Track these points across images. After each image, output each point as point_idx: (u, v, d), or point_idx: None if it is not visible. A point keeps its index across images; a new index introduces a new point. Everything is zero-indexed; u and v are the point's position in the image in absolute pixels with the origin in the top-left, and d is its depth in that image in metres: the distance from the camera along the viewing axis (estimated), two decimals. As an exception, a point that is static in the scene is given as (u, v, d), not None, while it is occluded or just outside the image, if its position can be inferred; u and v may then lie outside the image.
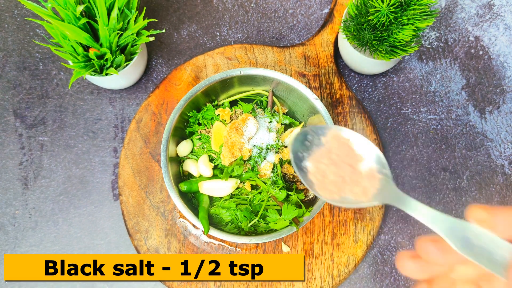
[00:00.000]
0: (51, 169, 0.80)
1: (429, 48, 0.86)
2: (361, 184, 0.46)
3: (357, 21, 0.70)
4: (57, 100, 0.82)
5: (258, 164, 0.70)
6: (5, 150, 0.80)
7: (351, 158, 0.48)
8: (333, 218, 0.76)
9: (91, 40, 0.70)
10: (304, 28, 0.87)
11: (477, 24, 0.87)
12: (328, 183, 0.47)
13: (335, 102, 0.81)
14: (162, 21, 0.86)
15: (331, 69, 0.82)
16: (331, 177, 0.47)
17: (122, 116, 0.82)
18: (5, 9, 0.86)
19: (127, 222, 0.75)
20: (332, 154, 0.49)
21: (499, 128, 0.83)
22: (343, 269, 0.74)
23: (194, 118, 0.74)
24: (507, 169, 0.81)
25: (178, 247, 0.74)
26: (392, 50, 0.69)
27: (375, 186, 0.45)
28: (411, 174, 0.81)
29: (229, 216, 0.69)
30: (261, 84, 0.74)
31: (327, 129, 0.51)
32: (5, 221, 0.78)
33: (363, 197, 0.45)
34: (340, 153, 0.48)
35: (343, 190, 0.46)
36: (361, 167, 0.47)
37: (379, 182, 0.45)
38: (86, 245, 0.77)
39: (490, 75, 0.85)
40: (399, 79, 0.85)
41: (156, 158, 0.77)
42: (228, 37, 0.86)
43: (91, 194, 0.79)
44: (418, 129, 0.83)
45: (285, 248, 0.74)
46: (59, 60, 0.84)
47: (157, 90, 0.80)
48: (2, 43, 0.85)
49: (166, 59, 0.85)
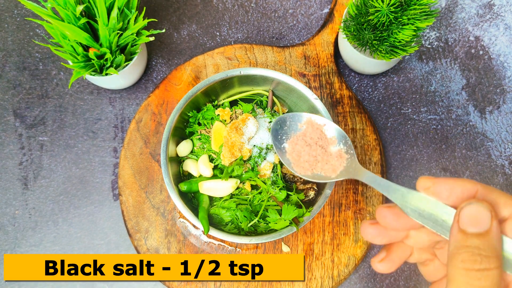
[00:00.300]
0: (51, 169, 0.80)
1: (429, 48, 0.86)
2: (331, 162, 0.55)
3: (357, 21, 0.70)
4: (57, 100, 0.82)
5: (258, 164, 0.70)
6: (5, 150, 0.80)
7: (323, 141, 0.57)
8: (333, 218, 0.76)
9: (91, 40, 0.70)
10: (304, 28, 0.87)
11: (477, 24, 0.87)
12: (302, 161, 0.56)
13: (335, 102, 0.81)
14: (162, 21, 0.86)
15: (331, 69, 0.82)
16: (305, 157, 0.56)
17: (122, 116, 0.82)
18: (5, 9, 0.86)
19: (127, 222, 0.75)
20: (306, 137, 0.58)
21: (499, 128, 0.83)
22: (343, 269, 0.74)
23: (194, 118, 0.74)
24: (507, 169, 0.81)
25: (178, 247, 0.74)
26: (392, 50, 0.69)
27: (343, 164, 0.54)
28: (411, 174, 0.81)
29: (229, 216, 0.69)
30: (261, 84, 0.74)
31: (303, 116, 0.60)
32: (5, 221, 0.78)
33: (332, 173, 0.54)
34: (313, 136, 0.58)
35: (315, 167, 0.55)
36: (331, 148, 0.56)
37: (346, 161, 0.54)
38: (86, 245, 0.77)
39: (490, 75, 0.85)
40: (399, 79, 0.85)
41: (156, 158, 0.77)
42: (228, 37, 0.86)
43: (91, 194, 0.79)
44: (418, 129, 0.83)
45: (285, 248, 0.74)
46: (59, 60, 0.84)
47: (157, 90, 0.80)
48: (2, 43, 0.85)
49: (166, 59, 0.85)
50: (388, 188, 0.41)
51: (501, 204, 0.35)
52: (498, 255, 0.33)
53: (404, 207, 0.39)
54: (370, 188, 0.77)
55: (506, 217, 0.35)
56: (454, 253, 0.34)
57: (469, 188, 0.36)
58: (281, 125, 0.61)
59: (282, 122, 0.61)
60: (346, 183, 0.78)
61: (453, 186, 0.37)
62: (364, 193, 0.77)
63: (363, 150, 0.79)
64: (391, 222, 0.40)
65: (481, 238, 0.33)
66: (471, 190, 0.36)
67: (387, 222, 0.40)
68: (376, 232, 0.41)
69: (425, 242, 0.42)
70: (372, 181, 0.45)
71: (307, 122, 0.60)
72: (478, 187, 0.36)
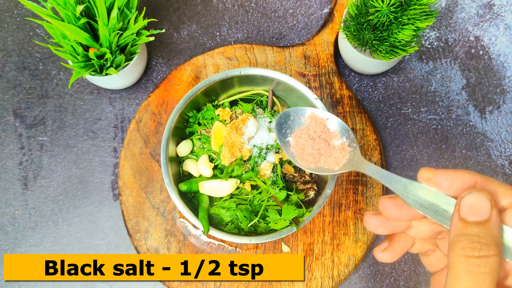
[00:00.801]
0: (51, 169, 0.80)
1: (429, 48, 0.86)
2: (334, 155, 0.56)
3: (357, 21, 0.70)
4: (57, 100, 0.82)
5: (258, 164, 0.70)
6: (5, 150, 0.80)
7: (326, 135, 0.58)
8: (333, 218, 0.76)
9: (91, 40, 0.70)
10: (304, 28, 0.87)
11: (477, 24, 0.87)
12: (306, 154, 0.57)
13: (335, 102, 0.81)
14: (162, 21, 0.86)
15: (331, 69, 0.82)
16: (309, 150, 0.57)
17: (122, 116, 0.82)
18: (5, 9, 0.86)
19: (127, 222, 0.75)
20: (310, 131, 0.59)
21: (499, 128, 0.83)
22: (343, 269, 0.74)
23: (194, 118, 0.74)
24: (507, 169, 0.81)
25: (178, 247, 0.74)
26: (392, 50, 0.69)
27: (345, 157, 0.54)
28: (411, 174, 0.81)
29: (229, 216, 0.69)
30: (261, 84, 0.74)
31: (307, 111, 0.61)
32: (5, 221, 0.78)
33: (336, 166, 0.55)
34: (317, 130, 0.59)
35: (318, 160, 0.56)
36: (334, 142, 0.57)
37: (349, 153, 0.55)
38: (86, 245, 0.77)
39: (490, 75, 0.85)
40: (399, 79, 0.85)
41: (156, 158, 0.77)
42: (228, 37, 0.86)
43: (91, 194, 0.79)
44: (418, 129, 0.83)
45: (285, 248, 0.74)
46: (59, 60, 0.84)
47: (157, 90, 0.80)
48: (2, 43, 0.85)
49: (166, 59, 0.85)
50: (390, 180, 0.42)
51: (500, 194, 0.35)
52: (497, 243, 0.34)
53: (406, 197, 0.39)
54: (370, 188, 0.77)
55: (506, 206, 0.35)
56: (455, 241, 0.35)
57: (469, 179, 0.37)
58: (285, 119, 0.61)
59: (286, 116, 0.62)
60: (346, 183, 0.78)
61: (454, 177, 0.37)
62: (364, 193, 0.77)
63: (363, 150, 0.79)
64: (393, 212, 0.41)
65: (481, 226, 0.34)
66: (470, 180, 0.37)
67: (389, 212, 0.41)
68: (379, 222, 0.42)
69: (427, 232, 0.42)
70: (375, 172, 0.46)
71: (310, 116, 0.61)
72: (477, 178, 0.37)
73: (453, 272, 0.34)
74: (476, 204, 0.34)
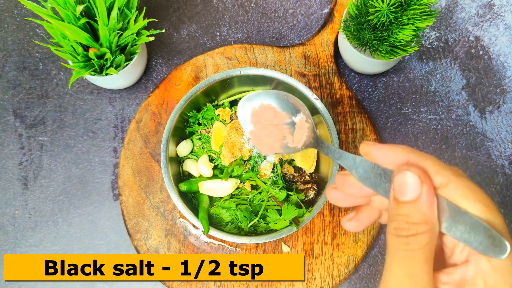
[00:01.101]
0: (51, 169, 0.80)
1: (429, 48, 0.86)
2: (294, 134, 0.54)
3: (357, 21, 0.70)
4: (57, 100, 0.82)
5: (258, 164, 0.70)
6: (5, 150, 0.80)
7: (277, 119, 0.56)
8: (333, 218, 0.76)
9: (91, 40, 0.70)
10: (304, 28, 0.87)
11: (477, 24, 0.87)
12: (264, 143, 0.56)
13: (335, 102, 0.81)
14: (162, 21, 0.86)
15: (331, 69, 0.82)
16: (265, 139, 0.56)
17: (122, 116, 0.82)
18: (5, 9, 0.86)
19: (127, 222, 0.75)
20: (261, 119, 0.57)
21: (499, 128, 0.83)
22: (343, 269, 0.74)
23: (194, 118, 0.74)
24: (508, 169, 0.81)
25: (178, 247, 0.74)
26: (392, 50, 0.69)
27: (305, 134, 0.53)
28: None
29: (229, 216, 0.69)
30: (261, 84, 0.74)
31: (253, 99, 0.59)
32: (5, 221, 0.78)
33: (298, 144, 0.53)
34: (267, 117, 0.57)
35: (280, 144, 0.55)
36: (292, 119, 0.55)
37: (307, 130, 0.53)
38: (86, 245, 0.77)
39: (490, 75, 0.85)
40: (399, 79, 0.85)
41: (156, 158, 0.77)
42: (228, 37, 0.86)
43: (91, 194, 0.79)
44: (418, 129, 0.83)
45: (285, 248, 0.74)
46: (59, 60, 0.84)
47: (157, 90, 0.80)
48: (2, 43, 0.85)
49: (166, 59, 0.85)
50: (340, 156, 0.43)
51: (433, 172, 0.35)
52: (427, 221, 0.34)
53: (355, 173, 0.40)
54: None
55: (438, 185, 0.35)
56: (390, 221, 0.35)
57: (402, 155, 0.37)
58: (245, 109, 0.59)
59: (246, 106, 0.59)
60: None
61: (387, 152, 0.37)
62: (364, 193, 0.77)
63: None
64: (347, 188, 0.41)
65: (411, 205, 0.34)
66: (404, 156, 0.37)
67: (344, 188, 0.41)
68: (339, 196, 0.43)
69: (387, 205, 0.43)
70: (327, 151, 0.46)
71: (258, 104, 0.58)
72: (411, 154, 0.36)
73: (388, 250, 0.35)
74: (405, 183, 0.34)
